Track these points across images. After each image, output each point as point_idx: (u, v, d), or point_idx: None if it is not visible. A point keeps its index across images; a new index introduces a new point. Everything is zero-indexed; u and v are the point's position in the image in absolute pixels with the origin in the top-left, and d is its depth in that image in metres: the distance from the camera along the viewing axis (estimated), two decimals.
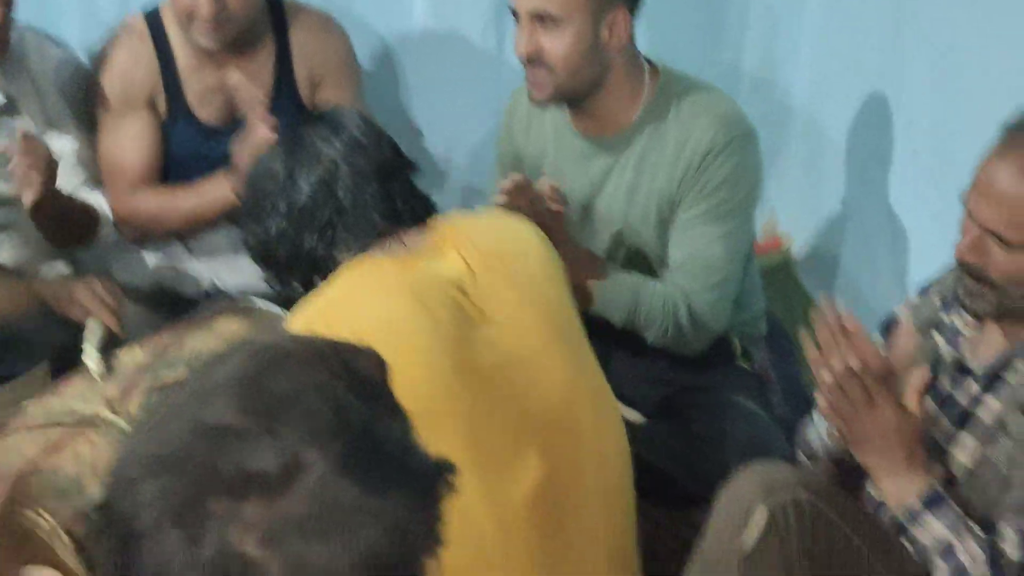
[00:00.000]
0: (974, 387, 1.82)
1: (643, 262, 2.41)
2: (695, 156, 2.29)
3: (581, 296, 2.15)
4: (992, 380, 1.79)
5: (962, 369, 1.84)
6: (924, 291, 2.00)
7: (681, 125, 2.31)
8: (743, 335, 2.51)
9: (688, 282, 2.31)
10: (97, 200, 2.58)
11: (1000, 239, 1.69)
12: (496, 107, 3.08)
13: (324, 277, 1.83)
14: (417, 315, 1.70)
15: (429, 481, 0.92)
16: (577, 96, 2.32)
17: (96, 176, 2.59)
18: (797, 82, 3.21)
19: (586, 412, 1.82)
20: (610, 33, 2.26)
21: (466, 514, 1.67)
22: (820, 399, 1.79)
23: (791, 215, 3.28)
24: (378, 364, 1.00)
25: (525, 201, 2.18)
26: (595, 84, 2.30)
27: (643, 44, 2.40)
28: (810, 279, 3.20)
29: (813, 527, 1.75)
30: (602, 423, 1.85)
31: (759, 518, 1.73)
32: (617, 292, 2.31)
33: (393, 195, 1.84)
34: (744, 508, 1.75)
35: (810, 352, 1.78)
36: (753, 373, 2.49)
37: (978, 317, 1.82)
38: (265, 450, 0.87)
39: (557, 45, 2.24)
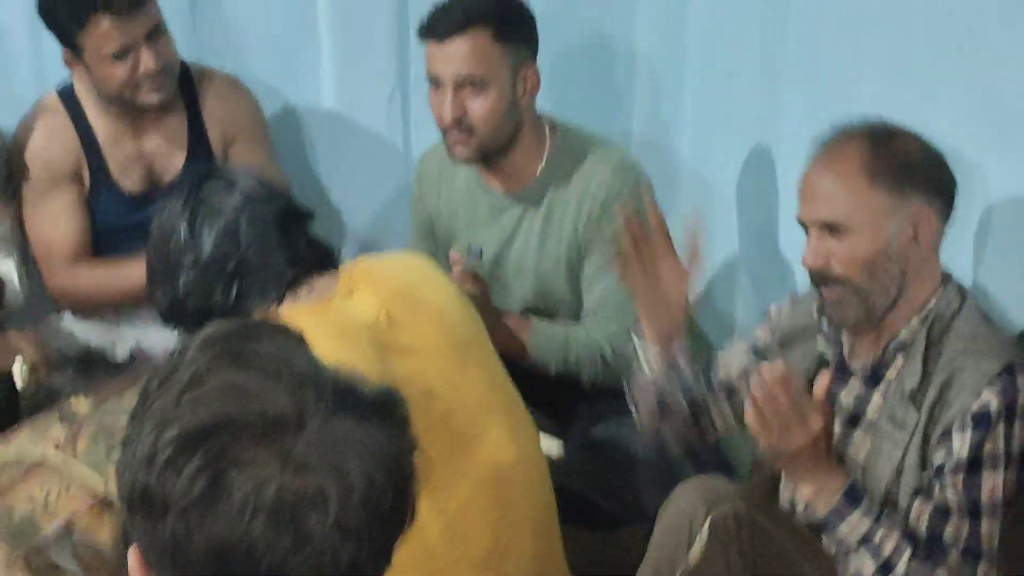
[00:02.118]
0: (857, 386, 1.97)
1: (557, 306, 2.56)
2: (595, 203, 2.45)
3: (514, 354, 2.32)
4: (873, 378, 1.95)
5: (845, 370, 1.99)
6: (794, 299, 2.15)
7: (582, 175, 2.47)
8: None
9: (607, 325, 2.46)
10: (6, 268, 2.63)
11: (829, 229, 1.85)
12: (400, 173, 3.22)
13: None
14: (342, 352, 1.72)
15: (394, 407, 1.06)
16: (495, 152, 2.46)
17: (8, 245, 2.64)
18: (683, 143, 3.39)
19: (502, 425, 1.93)
20: (524, 87, 2.41)
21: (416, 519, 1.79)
22: (752, 418, 1.86)
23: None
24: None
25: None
26: (511, 139, 2.45)
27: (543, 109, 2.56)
28: (706, 322, 3.36)
29: (751, 535, 1.88)
30: (519, 432, 1.96)
31: (703, 530, 1.85)
32: (548, 345, 2.46)
33: (295, 241, 1.91)
34: (688, 520, 1.87)
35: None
36: None
37: (851, 327, 1.96)
38: (278, 399, 0.99)
39: (483, 106, 2.38)
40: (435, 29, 2.37)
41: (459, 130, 2.40)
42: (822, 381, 1.88)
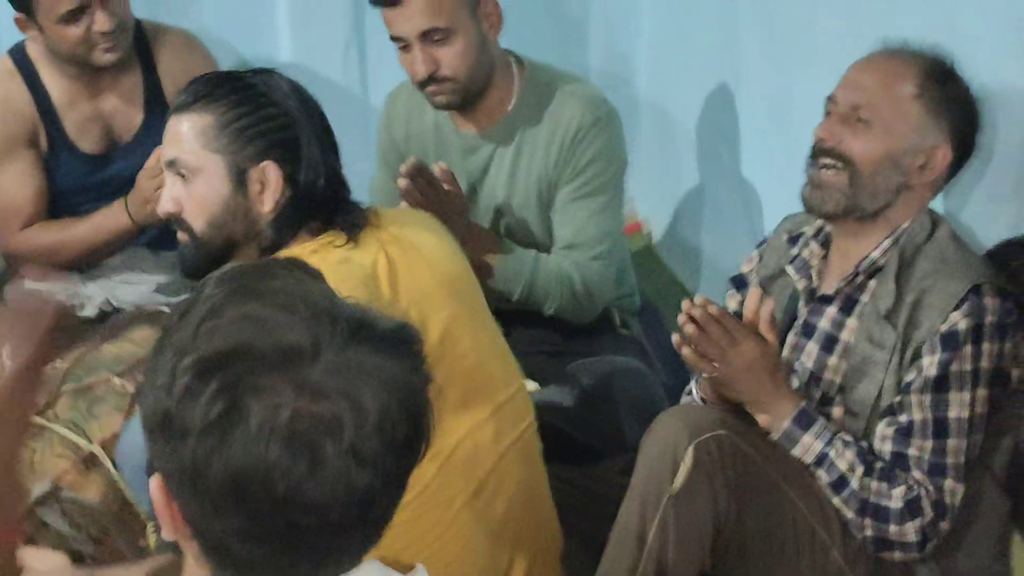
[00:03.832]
0: (832, 311, 2.00)
1: (527, 242, 2.56)
2: (566, 136, 2.45)
3: (481, 271, 2.30)
4: (847, 302, 1.98)
5: (817, 298, 2.03)
6: (762, 243, 2.19)
7: (553, 110, 2.47)
8: (620, 308, 2.69)
9: (576, 255, 2.47)
10: None
11: (858, 116, 1.91)
12: (360, 122, 3.21)
13: None
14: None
15: (410, 341, 1.08)
16: (476, 94, 2.44)
17: None
18: (641, 75, 3.41)
19: (496, 371, 1.98)
20: (488, 22, 2.40)
21: None
22: (686, 351, 1.92)
23: (649, 201, 3.46)
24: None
25: (424, 183, 2.30)
26: (488, 78, 2.44)
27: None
28: (673, 258, 3.39)
29: (734, 462, 1.89)
30: (510, 380, 2.01)
31: (687, 457, 1.86)
32: (515, 267, 2.45)
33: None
34: (672, 448, 1.87)
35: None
36: (633, 338, 2.67)
37: (825, 217, 1.99)
38: (294, 330, 1.01)
39: (454, 54, 2.36)
40: None
41: (436, 83, 2.39)
42: (765, 310, 1.91)
